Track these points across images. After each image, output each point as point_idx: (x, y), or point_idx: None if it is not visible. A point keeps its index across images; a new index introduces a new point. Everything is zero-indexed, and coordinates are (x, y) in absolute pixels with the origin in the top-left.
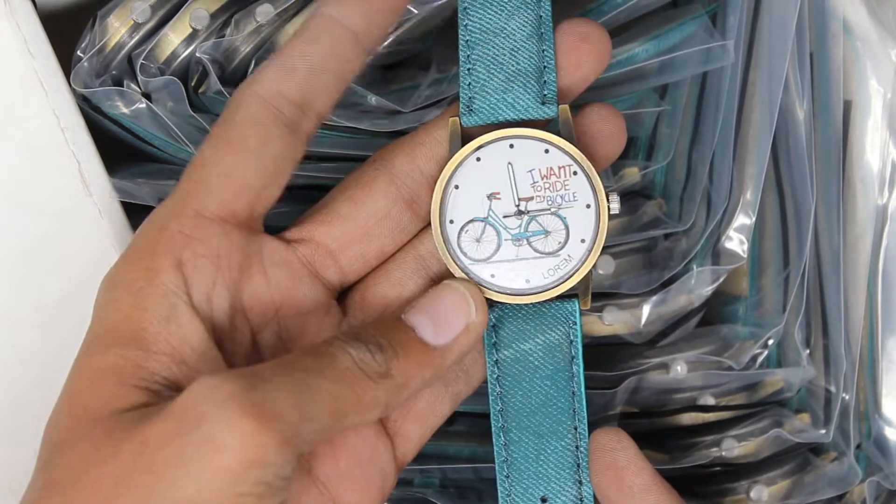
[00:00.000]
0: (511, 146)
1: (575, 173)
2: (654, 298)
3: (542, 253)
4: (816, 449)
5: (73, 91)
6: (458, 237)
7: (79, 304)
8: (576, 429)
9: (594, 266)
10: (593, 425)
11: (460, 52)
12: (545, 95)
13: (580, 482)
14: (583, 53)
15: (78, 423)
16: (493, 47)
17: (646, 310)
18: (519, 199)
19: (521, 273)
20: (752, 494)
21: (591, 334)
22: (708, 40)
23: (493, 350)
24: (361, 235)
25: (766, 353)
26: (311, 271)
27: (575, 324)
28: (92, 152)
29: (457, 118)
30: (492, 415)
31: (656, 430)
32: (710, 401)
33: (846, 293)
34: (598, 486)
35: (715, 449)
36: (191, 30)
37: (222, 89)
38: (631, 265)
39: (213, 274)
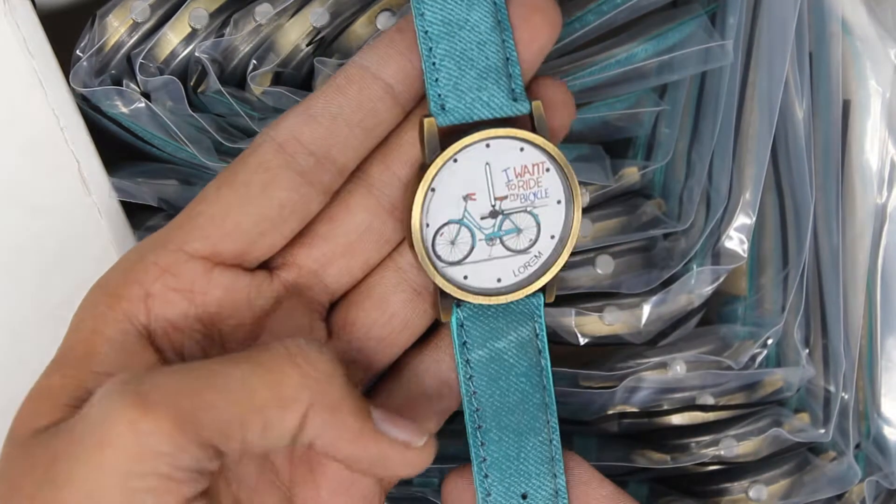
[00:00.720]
0: (487, 146)
1: (548, 170)
2: (655, 298)
3: (513, 251)
4: (816, 448)
5: (73, 90)
6: (433, 240)
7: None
8: (548, 422)
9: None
10: (593, 424)
11: (420, 45)
12: (513, 91)
13: (555, 475)
14: (537, 24)
15: (9, 446)
16: (460, 41)
17: (646, 310)
18: (495, 199)
19: (493, 273)
20: (752, 494)
21: (591, 334)
22: (707, 40)
23: (463, 349)
24: (344, 252)
25: (765, 352)
26: (296, 295)
27: (540, 317)
28: (91, 152)
29: (431, 118)
30: (466, 415)
31: (656, 430)
32: (710, 400)
33: (845, 292)
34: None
35: (714, 448)
36: (190, 29)
37: (221, 89)
38: (630, 265)
39: (185, 308)
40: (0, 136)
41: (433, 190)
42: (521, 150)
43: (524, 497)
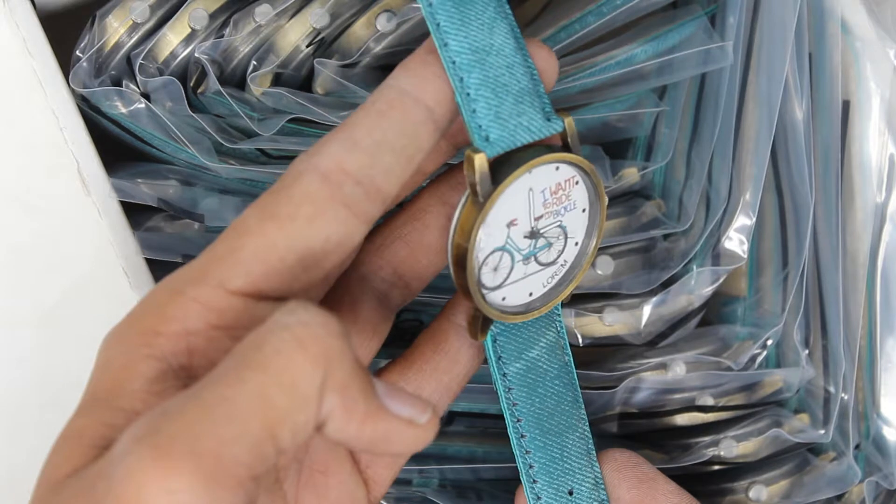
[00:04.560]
0: (530, 172)
1: (577, 182)
2: (654, 299)
3: (543, 264)
4: (815, 449)
5: (72, 91)
6: (480, 270)
7: (78, 303)
8: (581, 416)
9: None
10: (593, 425)
11: (450, 75)
12: (545, 110)
13: (592, 465)
14: (545, 55)
15: (38, 494)
16: (491, 67)
17: (646, 310)
18: (534, 221)
19: (526, 289)
20: (752, 494)
21: (591, 335)
22: (707, 41)
23: (499, 363)
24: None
25: (764, 353)
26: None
27: (559, 316)
28: (91, 152)
29: (482, 154)
30: (509, 427)
31: (655, 430)
32: (710, 401)
33: (845, 293)
34: (634, 500)
35: (714, 449)
36: (189, 30)
37: (221, 89)
38: (630, 265)
39: (228, 346)
40: (0, 136)
41: (485, 227)
42: (557, 168)
43: (570, 493)
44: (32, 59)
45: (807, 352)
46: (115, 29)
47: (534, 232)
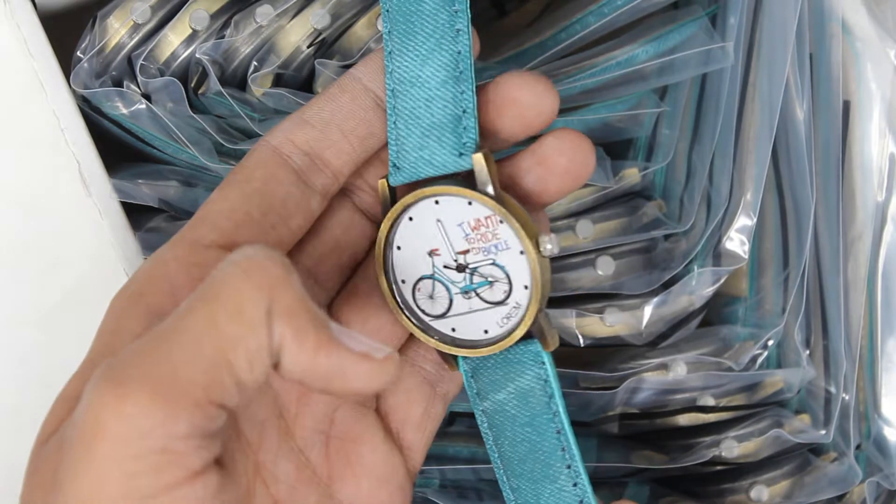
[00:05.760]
0: (437, 202)
1: (501, 221)
2: (655, 300)
3: (491, 303)
4: (816, 449)
5: (73, 92)
6: (413, 295)
7: (78, 303)
8: (569, 467)
9: (542, 310)
10: (594, 426)
11: (387, 101)
12: (464, 144)
13: None
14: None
15: (31, 452)
16: (410, 99)
17: (647, 311)
18: (456, 254)
19: (478, 324)
20: (753, 494)
21: (592, 335)
22: (708, 42)
23: (477, 399)
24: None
25: (765, 353)
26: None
27: (544, 363)
28: (92, 153)
29: (384, 180)
30: (493, 464)
31: (656, 431)
32: (710, 401)
33: (846, 293)
34: None
35: (715, 449)
36: (190, 31)
37: (222, 90)
38: (631, 266)
39: None
40: (0, 136)
41: (399, 248)
42: (469, 203)
43: None
44: (33, 59)
45: (808, 352)
46: (116, 30)
47: (461, 265)
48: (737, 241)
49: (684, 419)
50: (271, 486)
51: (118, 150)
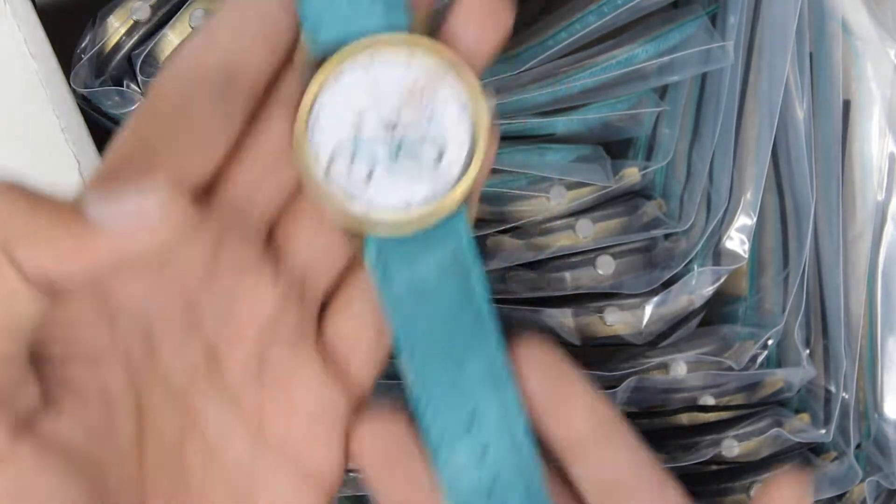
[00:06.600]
0: (372, 58)
1: (445, 74)
2: (656, 299)
3: (420, 167)
4: (816, 449)
5: (73, 91)
6: (328, 169)
7: None
8: (490, 345)
9: (479, 178)
10: None
11: None
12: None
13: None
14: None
15: None
16: None
17: (647, 310)
18: (387, 115)
19: (401, 195)
20: (753, 494)
21: (592, 335)
22: (708, 41)
23: (383, 284)
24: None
25: (765, 353)
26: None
27: (461, 237)
28: (92, 152)
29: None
30: (396, 348)
31: (656, 430)
32: (710, 401)
33: (846, 293)
34: (543, 394)
35: (715, 449)
36: (191, 30)
37: None
38: (631, 265)
39: None
40: (0, 136)
41: (321, 116)
42: (410, 58)
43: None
44: (33, 59)
45: (808, 351)
46: (117, 29)
47: (391, 127)
48: (737, 241)
49: (684, 419)
50: (204, 432)
51: None
